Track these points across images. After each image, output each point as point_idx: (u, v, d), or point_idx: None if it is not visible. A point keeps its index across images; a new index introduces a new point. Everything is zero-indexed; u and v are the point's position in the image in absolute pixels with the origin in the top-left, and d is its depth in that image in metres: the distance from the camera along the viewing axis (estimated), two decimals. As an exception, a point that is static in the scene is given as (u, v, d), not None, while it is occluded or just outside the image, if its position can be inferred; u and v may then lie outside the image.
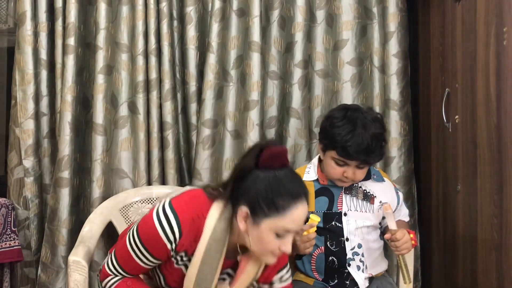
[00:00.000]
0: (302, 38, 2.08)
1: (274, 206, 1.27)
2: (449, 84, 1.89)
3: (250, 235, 1.30)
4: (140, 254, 1.34)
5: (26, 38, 2.00)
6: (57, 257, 1.97)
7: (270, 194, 1.27)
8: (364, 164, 1.64)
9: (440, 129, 1.98)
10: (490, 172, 1.62)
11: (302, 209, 1.30)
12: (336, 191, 1.71)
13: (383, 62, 2.11)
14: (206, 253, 1.32)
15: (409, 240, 1.61)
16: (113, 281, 1.38)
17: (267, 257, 1.34)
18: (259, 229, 1.28)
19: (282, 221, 1.27)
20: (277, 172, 1.29)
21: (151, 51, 2.00)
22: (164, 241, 1.30)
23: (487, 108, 1.63)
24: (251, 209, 1.28)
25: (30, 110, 2.01)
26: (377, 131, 1.62)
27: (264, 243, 1.29)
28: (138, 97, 2.01)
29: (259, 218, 1.28)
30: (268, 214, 1.27)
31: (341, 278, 1.69)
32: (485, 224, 1.66)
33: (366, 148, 1.58)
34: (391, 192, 1.77)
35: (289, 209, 1.27)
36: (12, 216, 1.98)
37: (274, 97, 2.09)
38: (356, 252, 1.69)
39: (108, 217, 1.89)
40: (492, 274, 1.62)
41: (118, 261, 1.38)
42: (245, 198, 1.29)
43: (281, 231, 1.28)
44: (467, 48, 1.77)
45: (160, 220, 1.30)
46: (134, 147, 2.03)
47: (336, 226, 1.69)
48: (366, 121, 1.61)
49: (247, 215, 1.29)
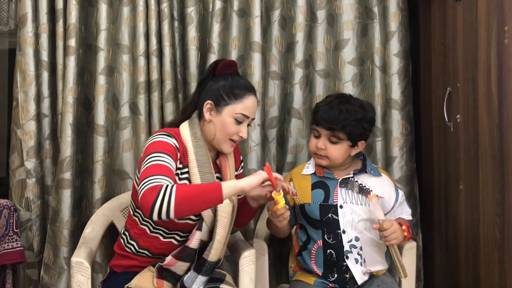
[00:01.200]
0: (303, 38, 2.08)
1: (233, 94, 1.61)
2: (451, 83, 1.89)
3: (215, 123, 1.62)
4: (162, 157, 1.52)
5: (27, 39, 2.00)
6: (60, 259, 1.97)
7: (228, 85, 1.62)
8: (331, 132, 1.68)
9: (441, 128, 1.98)
10: (492, 171, 1.62)
11: (253, 99, 1.65)
12: (332, 185, 1.75)
13: (384, 61, 2.10)
14: (197, 158, 1.59)
15: (398, 230, 1.63)
16: (170, 186, 1.43)
17: (226, 145, 1.64)
18: (222, 116, 1.61)
19: (239, 106, 1.61)
20: (232, 75, 1.66)
21: (152, 52, 2.01)
22: (169, 141, 1.57)
23: (489, 107, 1.63)
24: (214, 100, 1.62)
25: (31, 111, 2.01)
26: (353, 108, 1.69)
27: (226, 127, 1.61)
28: (139, 98, 2.01)
29: (221, 106, 1.61)
30: (228, 102, 1.61)
31: (340, 272, 1.70)
32: (487, 223, 1.66)
33: (333, 116, 1.68)
34: (388, 188, 1.78)
35: (244, 98, 1.62)
36: (14, 218, 1.98)
37: (275, 97, 2.09)
38: (354, 245, 1.71)
39: (110, 218, 1.89)
40: (495, 273, 1.62)
41: (155, 174, 1.47)
42: (208, 95, 1.64)
43: (239, 117, 1.61)
44: (468, 47, 1.76)
45: (157, 134, 1.60)
46: (136, 148, 2.03)
47: (333, 219, 1.71)
48: (348, 101, 1.72)
49: (211, 106, 1.62)
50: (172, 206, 1.40)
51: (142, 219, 1.63)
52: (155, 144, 1.55)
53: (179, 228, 1.61)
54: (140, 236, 1.63)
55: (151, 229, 1.62)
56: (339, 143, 1.70)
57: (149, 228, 1.62)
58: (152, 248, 1.63)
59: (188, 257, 1.59)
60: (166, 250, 1.61)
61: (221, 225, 1.58)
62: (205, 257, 1.58)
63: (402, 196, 1.81)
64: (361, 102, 1.76)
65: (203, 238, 1.60)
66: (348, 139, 1.70)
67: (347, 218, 1.71)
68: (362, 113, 1.70)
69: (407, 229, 1.68)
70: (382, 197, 1.74)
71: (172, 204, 1.40)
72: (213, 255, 1.58)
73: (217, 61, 1.70)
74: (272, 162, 2.10)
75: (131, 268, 1.64)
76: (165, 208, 1.40)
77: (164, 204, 1.40)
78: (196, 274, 1.58)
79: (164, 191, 1.41)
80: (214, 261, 1.59)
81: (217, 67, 1.66)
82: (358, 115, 1.69)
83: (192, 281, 1.58)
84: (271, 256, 2.01)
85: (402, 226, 1.67)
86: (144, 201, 1.42)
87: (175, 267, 1.58)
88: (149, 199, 1.41)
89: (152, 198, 1.40)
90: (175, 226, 1.60)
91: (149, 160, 1.51)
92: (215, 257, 1.58)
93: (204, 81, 1.69)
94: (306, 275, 1.76)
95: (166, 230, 1.61)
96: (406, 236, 1.67)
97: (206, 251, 1.58)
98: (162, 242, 1.62)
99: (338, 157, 1.72)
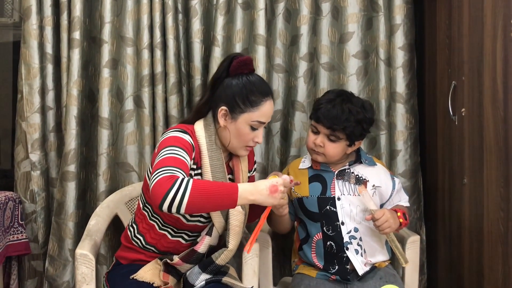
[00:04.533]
0: (307, 31, 2.07)
1: (249, 102, 1.53)
2: (456, 77, 1.88)
3: (230, 130, 1.56)
4: (178, 151, 1.47)
5: (31, 32, 2.00)
6: (64, 250, 1.98)
7: (244, 92, 1.53)
8: (331, 131, 1.67)
9: (446, 122, 1.97)
10: (496, 165, 1.62)
11: (270, 104, 1.58)
12: (329, 177, 1.75)
13: (389, 55, 2.10)
14: (211, 162, 1.55)
15: (391, 219, 1.63)
16: (186, 179, 1.36)
17: (241, 150, 1.60)
18: (237, 123, 1.55)
19: (255, 114, 1.54)
20: (248, 76, 1.56)
21: (156, 44, 2.00)
22: (184, 137, 1.53)
23: (494, 100, 1.62)
24: (229, 107, 1.55)
25: (36, 104, 2.02)
26: (355, 108, 1.67)
27: (241, 135, 1.56)
28: (143, 91, 2.02)
29: (236, 113, 1.54)
30: (244, 109, 1.54)
31: (340, 264, 1.71)
32: (491, 217, 1.65)
33: (335, 115, 1.66)
34: (384, 176, 1.78)
35: (261, 104, 1.55)
36: (19, 210, 1.99)
37: (280, 90, 2.09)
38: (353, 236, 1.71)
39: (114, 210, 1.90)
40: (498, 267, 1.61)
41: (170, 165, 1.42)
42: (223, 100, 1.56)
43: (255, 124, 1.55)
44: (473, 40, 1.75)
45: (172, 130, 1.55)
46: (140, 141, 2.03)
47: (331, 211, 1.72)
48: (350, 100, 1.70)
49: (226, 113, 1.55)
50: (185, 200, 1.33)
51: (151, 214, 1.62)
52: (171, 139, 1.50)
53: (188, 228, 1.60)
54: (148, 232, 1.62)
55: (160, 225, 1.60)
56: (337, 142, 1.69)
57: (158, 224, 1.61)
58: (159, 245, 1.62)
59: (195, 260, 1.58)
60: (173, 248, 1.61)
61: (234, 233, 1.57)
62: (214, 259, 1.57)
63: (399, 184, 1.81)
64: (362, 101, 1.73)
65: (212, 243, 1.59)
66: (346, 139, 1.69)
67: (345, 210, 1.72)
68: (363, 114, 1.69)
69: (402, 215, 1.68)
70: (379, 186, 1.75)
71: (186, 198, 1.33)
72: (222, 260, 1.57)
73: (231, 57, 1.58)
74: (276, 155, 2.10)
75: (137, 261, 1.64)
76: (178, 200, 1.33)
77: (178, 196, 1.33)
78: (201, 272, 1.57)
79: (180, 182, 1.34)
80: (222, 265, 1.59)
81: (231, 65, 1.56)
82: (359, 115, 1.67)
83: (196, 277, 1.56)
84: (274, 249, 2.01)
85: (397, 213, 1.68)
86: (157, 190, 1.34)
87: (181, 267, 1.59)
88: (163, 188, 1.34)
89: (166, 187, 1.33)
90: (184, 226, 1.59)
91: (165, 153, 1.45)
92: (224, 262, 1.58)
93: (217, 79, 1.58)
94: (308, 268, 1.77)
95: (175, 228, 1.60)
96: (402, 223, 1.67)
97: (216, 254, 1.57)
98: (169, 241, 1.61)
99: (335, 155, 1.72)
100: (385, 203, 1.78)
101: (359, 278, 1.70)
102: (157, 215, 1.60)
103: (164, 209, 1.35)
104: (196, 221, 1.58)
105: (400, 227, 1.68)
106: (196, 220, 1.58)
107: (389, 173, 1.82)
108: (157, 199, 1.34)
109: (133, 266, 1.60)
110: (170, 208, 1.34)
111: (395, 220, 1.65)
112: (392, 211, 1.69)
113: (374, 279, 1.70)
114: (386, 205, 1.78)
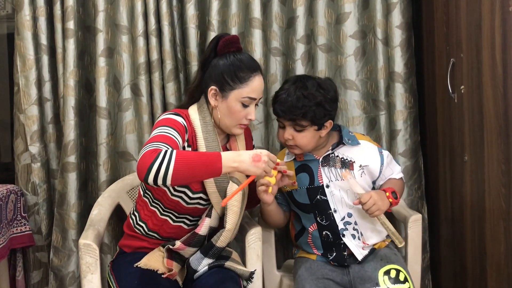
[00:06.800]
0: (303, 12, 2.05)
1: (237, 78, 1.55)
2: (454, 54, 1.87)
3: (220, 109, 1.57)
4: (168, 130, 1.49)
5: (25, 23, 1.98)
6: (68, 241, 1.99)
7: (232, 69, 1.55)
8: (293, 122, 1.63)
9: (445, 100, 1.96)
10: (497, 141, 1.61)
11: (259, 80, 1.58)
12: (314, 166, 1.72)
13: (387, 34, 2.08)
14: (206, 143, 1.56)
15: (379, 200, 1.60)
16: (170, 150, 1.38)
17: (235, 129, 1.60)
18: (228, 102, 1.56)
19: (244, 90, 1.55)
20: (235, 54, 1.58)
21: (151, 31, 1.99)
22: (177, 119, 1.55)
23: (493, 76, 1.61)
24: (218, 86, 1.56)
25: (33, 96, 2.01)
26: (310, 92, 1.61)
27: (233, 113, 1.56)
28: (140, 79, 2.00)
29: (226, 91, 1.56)
30: (233, 86, 1.55)
31: (338, 251, 1.71)
32: (492, 194, 1.65)
33: (291, 105, 1.61)
34: (371, 153, 1.74)
35: (249, 80, 1.56)
36: (21, 202, 2.00)
37: (277, 74, 2.08)
38: (348, 221, 1.70)
39: (116, 199, 1.90)
40: (500, 243, 1.62)
41: (157, 141, 1.44)
42: (212, 79, 1.57)
43: (246, 100, 1.56)
44: (471, 16, 1.73)
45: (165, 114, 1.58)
46: (139, 129, 2.03)
47: (322, 200, 1.70)
48: (304, 85, 1.63)
49: (216, 92, 1.57)
50: (170, 170, 1.33)
51: (152, 200, 1.63)
52: (162, 121, 1.53)
53: (188, 211, 1.61)
54: (150, 218, 1.63)
55: (161, 211, 1.62)
56: (305, 130, 1.64)
57: (159, 210, 1.62)
58: (161, 231, 1.63)
59: (197, 243, 1.59)
60: (176, 234, 1.62)
61: (232, 213, 1.57)
62: (213, 242, 1.58)
63: (388, 156, 1.76)
64: (319, 82, 1.66)
65: (212, 224, 1.60)
66: (312, 124, 1.64)
67: (336, 197, 1.69)
68: (321, 95, 1.62)
69: (391, 194, 1.63)
70: (366, 165, 1.71)
71: (171, 168, 1.33)
72: (222, 241, 1.58)
73: (217, 38, 1.60)
74: (275, 139, 2.09)
75: (141, 249, 1.65)
76: (163, 171, 1.33)
77: (162, 167, 1.33)
78: (203, 256, 1.58)
79: (164, 154, 1.35)
80: (222, 247, 1.60)
81: (218, 45, 1.58)
82: (317, 98, 1.62)
83: (198, 262, 1.58)
84: (277, 232, 2.02)
85: (386, 193, 1.64)
86: (141, 163, 1.35)
87: (183, 251, 1.60)
88: (147, 161, 1.34)
89: (150, 160, 1.34)
90: (184, 210, 1.60)
91: (154, 132, 1.49)
92: (224, 244, 1.59)
93: (206, 61, 1.61)
94: (309, 252, 1.78)
95: (176, 213, 1.61)
96: (392, 202, 1.63)
97: (215, 237, 1.58)
98: (172, 226, 1.62)
99: (307, 143, 1.67)
100: (377, 179, 1.75)
101: (358, 262, 1.69)
102: (158, 200, 1.61)
103: (150, 181, 1.35)
104: (195, 203, 1.59)
105: (391, 206, 1.64)
106: (195, 202, 1.59)
107: (376, 147, 1.76)
108: (141, 172, 1.35)
109: (137, 254, 1.61)
110: (156, 180, 1.35)
111: (384, 201, 1.61)
112: (380, 192, 1.65)
113: (375, 260, 1.69)
114: (378, 180, 1.76)
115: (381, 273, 1.65)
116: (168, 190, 1.57)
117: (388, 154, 1.77)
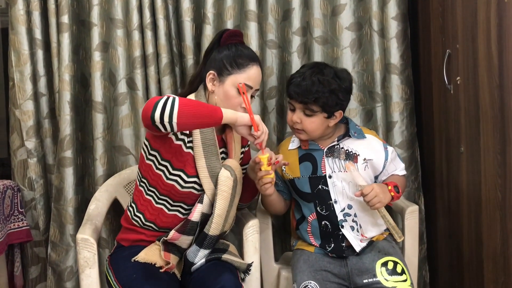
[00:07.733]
0: (299, 4, 2.05)
1: (236, 64, 1.60)
2: (450, 45, 1.87)
3: (217, 94, 1.62)
4: None
5: (19, 18, 1.97)
6: (66, 236, 1.99)
7: (232, 55, 1.61)
8: (304, 105, 1.65)
9: (441, 91, 1.97)
10: (493, 132, 1.62)
11: (257, 70, 1.63)
12: (318, 156, 1.73)
13: (383, 25, 2.07)
14: (201, 131, 1.58)
15: (381, 193, 1.60)
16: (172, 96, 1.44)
17: None
18: (224, 86, 1.61)
19: (241, 76, 1.59)
20: (236, 45, 1.64)
21: (146, 25, 1.98)
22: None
23: (489, 67, 1.61)
24: (217, 70, 1.61)
25: (28, 91, 2.00)
26: (326, 79, 1.64)
27: (228, 98, 1.60)
28: (136, 73, 2.00)
29: (224, 76, 1.61)
30: (230, 71, 1.60)
31: (337, 242, 1.71)
32: (489, 184, 1.66)
33: (305, 88, 1.63)
34: (376, 148, 1.75)
35: (247, 67, 1.61)
36: (18, 198, 2.00)
37: (274, 66, 2.07)
38: (347, 213, 1.71)
39: (113, 194, 1.90)
40: (497, 233, 1.63)
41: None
42: (212, 65, 1.63)
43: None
44: (467, 7, 1.73)
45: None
46: (135, 123, 2.02)
47: (323, 190, 1.71)
48: (321, 71, 1.66)
49: (214, 77, 1.62)
50: (176, 108, 1.39)
51: (147, 188, 1.64)
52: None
53: (183, 198, 1.61)
54: (147, 208, 1.64)
55: (156, 199, 1.63)
56: (314, 116, 1.66)
57: (154, 198, 1.63)
58: (158, 221, 1.64)
59: (191, 230, 1.60)
60: (172, 223, 1.63)
61: (221, 198, 1.57)
62: (206, 231, 1.58)
63: (393, 152, 1.77)
64: (336, 71, 1.68)
65: (204, 210, 1.60)
66: (323, 111, 1.65)
67: (338, 188, 1.70)
68: (337, 83, 1.64)
69: (393, 188, 1.64)
70: (370, 159, 1.72)
71: (176, 106, 1.39)
72: (214, 229, 1.58)
73: (222, 31, 1.69)
74: (272, 132, 2.09)
75: (138, 242, 1.65)
76: (168, 109, 1.39)
77: (167, 105, 1.39)
78: (198, 248, 1.59)
79: (167, 97, 1.42)
80: (216, 235, 1.59)
81: (222, 37, 1.65)
82: (332, 85, 1.63)
83: (194, 254, 1.59)
84: (275, 225, 2.03)
85: (388, 186, 1.65)
86: (147, 106, 1.42)
87: (179, 241, 1.60)
88: (151, 102, 1.41)
89: (154, 100, 1.41)
90: (179, 195, 1.60)
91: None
92: (216, 231, 1.59)
93: (209, 51, 1.68)
94: (306, 244, 1.78)
95: (171, 200, 1.62)
96: (393, 196, 1.64)
97: (207, 226, 1.58)
98: (167, 215, 1.63)
99: (315, 129, 1.68)
100: (380, 174, 1.77)
101: (356, 254, 1.70)
102: (153, 187, 1.62)
103: (156, 118, 1.40)
104: (190, 187, 1.59)
105: (392, 200, 1.65)
106: (190, 186, 1.59)
107: (382, 143, 1.77)
108: (147, 111, 1.40)
109: (134, 248, 1.62)
110: (162, 117, 1.39)
111: (385, 195, 1.62)
112: (382, 185, 1.66)
113: (373, 252, 1.70)
114: (381, 176, 1.77)
115: (379, 265, 1.66)
116: (164, 174, 1.58)
117: (393, 150, 1.78)
